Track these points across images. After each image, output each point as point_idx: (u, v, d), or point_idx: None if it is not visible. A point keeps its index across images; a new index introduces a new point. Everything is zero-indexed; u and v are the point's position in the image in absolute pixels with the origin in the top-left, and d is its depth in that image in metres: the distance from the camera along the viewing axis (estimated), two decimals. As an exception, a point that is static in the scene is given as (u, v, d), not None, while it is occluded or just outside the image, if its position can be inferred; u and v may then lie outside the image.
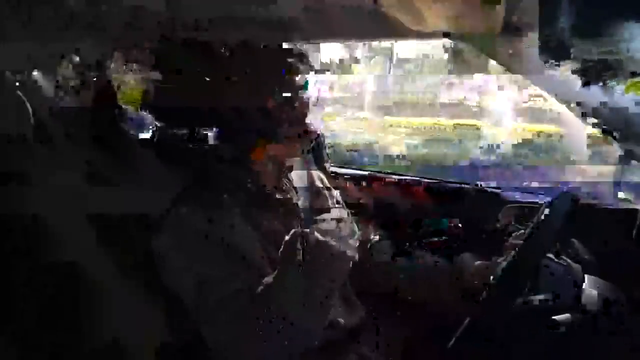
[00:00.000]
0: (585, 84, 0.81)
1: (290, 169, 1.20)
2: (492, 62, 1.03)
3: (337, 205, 1.31)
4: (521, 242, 1.13)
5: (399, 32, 0.94)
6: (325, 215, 1.23)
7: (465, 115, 6.51)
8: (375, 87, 7.08)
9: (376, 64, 7.00)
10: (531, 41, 0.75)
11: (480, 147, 6.00)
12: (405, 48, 6.72)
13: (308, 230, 1.12)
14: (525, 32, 0.81)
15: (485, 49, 0.96)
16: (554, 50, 0.69)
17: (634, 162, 1.15)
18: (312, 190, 1.25)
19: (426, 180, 1.95)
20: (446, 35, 0.96)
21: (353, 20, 0.92)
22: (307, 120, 1.13)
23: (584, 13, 0.63)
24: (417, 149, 6.24)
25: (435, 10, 0.81)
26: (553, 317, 1.06)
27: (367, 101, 7.09)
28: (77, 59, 1.26)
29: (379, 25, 0.92)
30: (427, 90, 6.82)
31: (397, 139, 6.45)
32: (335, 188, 1.37)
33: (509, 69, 1.09)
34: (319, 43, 1.27)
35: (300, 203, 1.18)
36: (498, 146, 5.89)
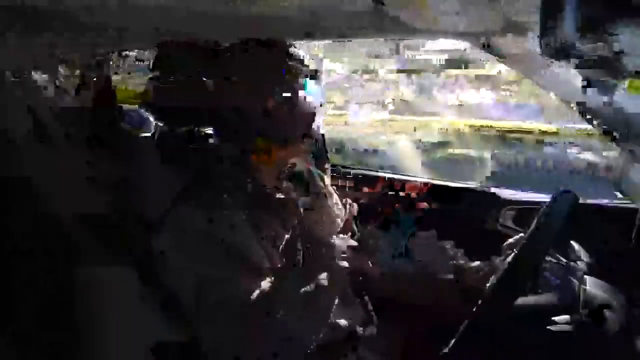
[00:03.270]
0: (586, 83, 0.81)
1: (291, 169, 1.20)
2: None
3: (336, 206, 1.31)
4: (521, 242, 1.13)
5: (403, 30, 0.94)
6: (325, 216, 1.23)
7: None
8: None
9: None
10: (533, 39, 0.75)
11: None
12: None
13: (308, 230, 1.12)
14: (526, 30, 0.81)
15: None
16: (555, 49, 0.69)
17: (633, 161, 1.15)
18: (312, 191, 1.25)
19: (426, 180, 1.95)
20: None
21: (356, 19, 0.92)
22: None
23: (585, 11, 0.63)
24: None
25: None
26: (553, 317, 1.06)
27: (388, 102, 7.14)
28: (77, 59, 1.26)
29: (382, 24, 0.92)
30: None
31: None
32: (336, 189, 1.37)
33: (512, 67, 1.09)
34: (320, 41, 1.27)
35: (300, 203, 1.18)
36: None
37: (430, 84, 7.33)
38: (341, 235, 1.18)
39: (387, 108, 7.31)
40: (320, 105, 1.15)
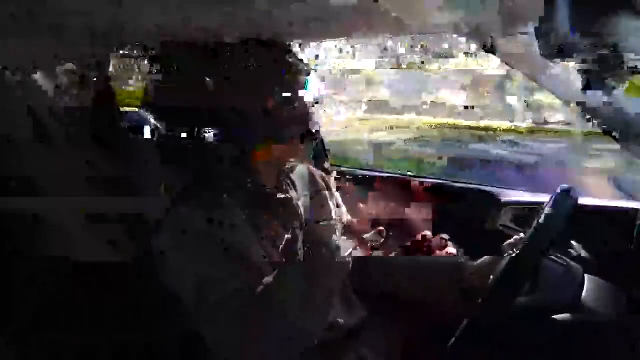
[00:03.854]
0: (586, 83, 0.81)
1: (291, 169, 1.20)
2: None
3: (337, 206, 1.31)
4: (521, 242, 1.13)
5: (397, 27, 0.94)
6: (325, 216, 1.23)
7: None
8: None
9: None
10: (531, 39, 0.75)
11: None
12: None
13: (308, 230, 1.12)
14: (525, 29, 0.81)
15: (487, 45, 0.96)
16: (554, 49, 0.69)
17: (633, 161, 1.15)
18: (313, 191, 1.25)
19: (427, 180, 1.96)
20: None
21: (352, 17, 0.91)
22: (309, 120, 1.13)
23: (584, 10, 0.63)
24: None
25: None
26: (553, 317, 1.06)
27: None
28: (77, 59, 1.26)
29: (377, 21, 0.91)
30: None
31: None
32: (337, 189, 1.37)
33: (512, 67, 1.09)
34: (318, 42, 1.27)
35: (300, 203, 1.18)
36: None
37: (409, 82, 7.27)
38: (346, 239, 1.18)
39: (363, 107, 7.30)
40: (317, 103, 1.15)
